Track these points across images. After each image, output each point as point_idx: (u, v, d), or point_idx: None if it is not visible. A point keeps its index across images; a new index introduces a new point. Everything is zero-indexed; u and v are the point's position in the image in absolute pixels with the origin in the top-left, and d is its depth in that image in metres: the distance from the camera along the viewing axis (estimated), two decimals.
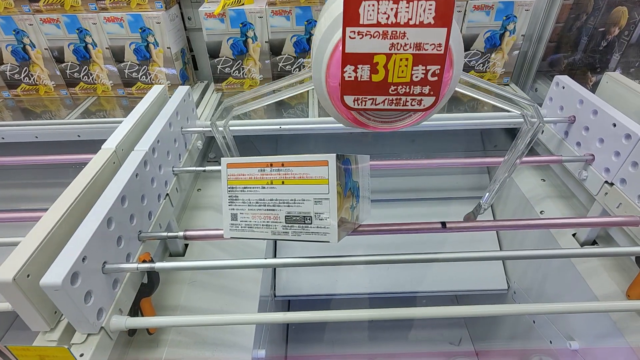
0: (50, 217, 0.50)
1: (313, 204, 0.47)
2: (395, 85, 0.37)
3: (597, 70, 0.98)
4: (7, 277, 0.42)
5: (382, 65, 0.36)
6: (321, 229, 0.47)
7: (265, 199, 0.48)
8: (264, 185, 0.48)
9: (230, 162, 0.49)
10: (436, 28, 0.34)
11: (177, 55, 1.05)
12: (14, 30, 0.99)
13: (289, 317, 0.54)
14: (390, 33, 0.35)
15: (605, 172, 0.71)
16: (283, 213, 0.48)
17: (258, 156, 0.49)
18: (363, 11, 0.34)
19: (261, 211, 0.49)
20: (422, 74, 0.36)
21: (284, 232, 0.48)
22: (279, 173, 0.47)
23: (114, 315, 0.51)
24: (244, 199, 0.49)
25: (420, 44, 0.35)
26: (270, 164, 0.47)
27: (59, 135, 0.94)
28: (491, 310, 0.57)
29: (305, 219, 0.47)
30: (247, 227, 0.50)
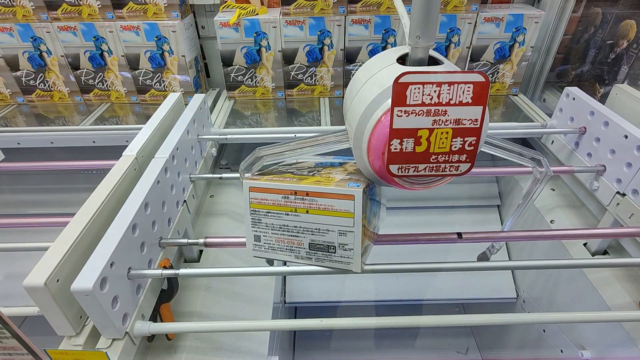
0: (77, 223, 0.50)
1: (337, 235, 0.48)
2: (436, 154, 0.41)
3: (605, 82, 1.00)
4: (38, 281, 0.43)
5: (425, 138, 0.40)
6: (345, 259, 0.48)
7: (289, 225, 0.49)
8: (287, 212, 0.49)
9: (253, 186, 0.49)
10: (473, 106, 0.38)
11: (191, 63, 1.07)
12: (32, 37, 1.01)
13: (303, 324, 0.54)
14: (434, 111, 0.39)
15: (617, 182, 0.72)
16: (307, 240, 0.49)
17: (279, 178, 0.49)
18: (410, 94, 0.37)
19: (285, 236, 0.50)
20: (460, 145, 0.41)
21: (308, 258, 0.50)
22: (304, 202, 0.48)
23: (137, 320, 0.51)
24: (267, 222, 0.50)
25: (459, 119, 0.39)
26: (295, 192, 0.47)
27: (74, 141, 0.96)
28: (500, 319, 0.58)
29: (329, 248, 0.48)
30: (271, 249, 0.51)
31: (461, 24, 0.99)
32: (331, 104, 1.09)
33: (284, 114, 1.06)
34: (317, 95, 1.12)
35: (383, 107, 0.42)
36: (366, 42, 1.02)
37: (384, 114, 0.42)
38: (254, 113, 1.06)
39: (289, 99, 1.12)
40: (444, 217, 1.12)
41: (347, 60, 1.06)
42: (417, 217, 1.13)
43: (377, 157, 0.43)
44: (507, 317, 0.58)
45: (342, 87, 1.11)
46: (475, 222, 1.12)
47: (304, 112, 1.06)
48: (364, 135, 0.44)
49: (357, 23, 0.99)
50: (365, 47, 1.03)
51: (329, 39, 1.01)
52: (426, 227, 1.09)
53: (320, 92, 1.11)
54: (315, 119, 1.02)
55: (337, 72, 1.07)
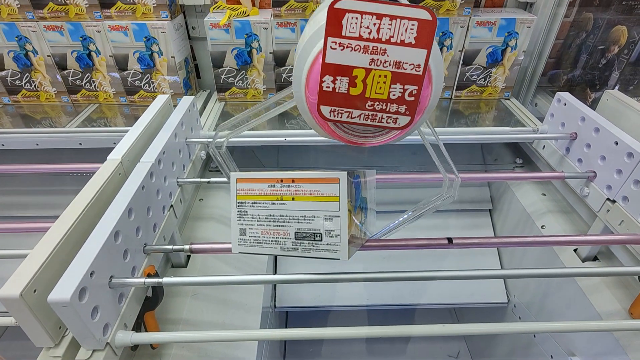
0: (57, 230, 0.49)
1: (323, 220, 0.46)
2: (372, 100, 0.38)
3: (596, 87, 1.00)
4: (14, 292, 0.41)
5: (361, 80, 0.36)
6: (331, 246, 0.47)
7: (275, 214, 0.48)
8: (274, 201, 0.48)
9: (240, 177, 0.49)
10: (416, 48, 0.35)
11: (181, 65, 1.05)
12: (17, 36, 0.99)
13: (291, 333, 0.53)
14: (372, 48, 0.35)
15: (607, 189, 0.72)
16: (293, 229, 0.48)
17: (265, 169, 0.49)
18: (346, 23, 0.34)
19: (270, 227, 0.49)
20: (400, 93, 0.37)
21: (294, 249, 0.48)
22: (290, 189, 0.47)
23: (119, 330, 0.50)
24: (253, 214, 0.49)
25: (399, 62, 0.35)
26: (281, 180, 0.47)
27: (60, 143, 0.94)
28: (491, 329, 0.57)
29: (315, 236, 0.47)
30: (256, 242, 0.50)
31: (453, 28, 0.99)
32: None
33: (274, 117, 1.04)
34: None
35: (320, 44, 0.38)
36: None
37: (320, 52, 0.37)
38: None
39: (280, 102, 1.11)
40: (435, 221, 1.11)
41: None
42: None
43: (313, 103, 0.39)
44: (497, 327, 0.57)
45: None
46: (467, 226, 1.12)
47: (295, 114, 1.05)
48: (302, 77, 0.40)
49: None
50: None
51: None
52: (417, 231, 1.09)
53: None
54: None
55: None
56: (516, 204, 1.01)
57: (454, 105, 1.10)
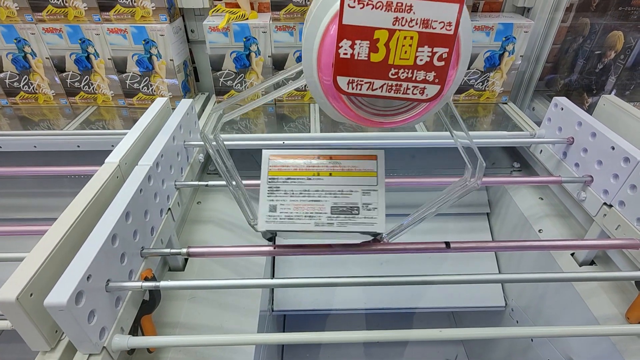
0: (54, 233, 0.49)
1: (361, 195, 0.47)
2: (397, 68, 0.33)
3: (593, 92, 1.00)
4: (10, 296, 0.41)
5: (384, 43, 0.32)
6: (369, 219, 0.47)
7: (310, 190, 0.48)
8: (309, 177, 0.48)
9: (274, 153, 0.49)
10: (447, 3, 0.30)
11: (180, 67, 1.05)
12: (15, 38, 0.98)
13: (288, 337, 0.53)
14: (395, 4, 0.30)
15: (604, 193, 0.72)
16: (329, 204, 0.48)
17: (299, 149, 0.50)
18: None
19: (305, 202, 0.48)
20: (428, 57, 0.32)
21: (329, 224, 0.48)
22: (327, 165, 0.48)
23: (116, 334, 0.50)
24: (286, 189, 0.49)
25: (427, 20, 0.31)
26: (318, 157, 0.49)
27: (58, 145, 0.93)
28: (488, 333, 0.57)
29: (352, 210, 0.48)
30: (287, 218, 0.49)
31: None
32: (321, 109, 1.08)
33: (273, 119, 1.05)
34: (307, 101, 1.11)
35: (331, 11, 0.33)
36: None
37: (333, 18, 0.32)
38: (243, 118, 1.05)
39: (279, 105, 1.11)
40: (432, 225, 1.11)
41: None
42: None
43: (327, 73, 0.35)
44: (495, 331, 0.57)
45: None
46: (465, 230, 1.12)
47: (294, 117, 1.05)
48: (313, 52, 0.35)
49: None
50: None
51: None
52: (414, 235, 1.08)
53: (311, 97, 1.11)
54: (306, 124, 1.01)
55: None
56: (514, 208, 1.01)
57: None
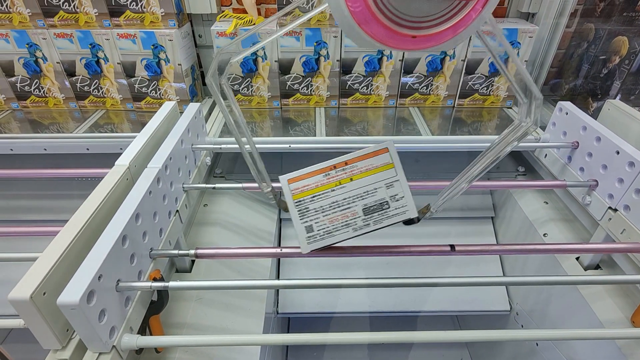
0: (66, 234, 0.50)
1: (386, 189, 0.49)
2: None
3: (598, 97, 1.01)
4: (24, 295, 0.42)
5: None
6: (400, 209, 0.49)
7: (338, 200, 0.49)
8: (333, 188, 0.50)
9: (290, 177, 0.50)
10: None
11: (187, 72, 1.07)
12: (27, 43, 1.01)
13: (293, 338, 0.54)
14: None
15: (609, 198, 0.72)
16: (360, 207, 0.49)
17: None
18: None
19: (336, 213, 0.50)
20: None
21: (366, 225, 0.49)
22: (345, 172, 0.49)
23: (125, 333, 0.50)
24: (315, 207, 0.50)
25: None
26: (334, 166, 0.50)
27: (68, 148, 0.95)
28: (492, 336, 0.57)
29: (382, 205, 0.49)
30: (326, 233, 0.50)
31: None
32: (327, 113, 1.10)
33: (279, 123, 1.06)
34: (312, 105, 1.13)
35: None
36: (362, 54, 1.03)
37: None
38: (249, 122, 1.06)
39: (285, 109, 1.13)
40: (437, 229, 1.12)
41: (343, 71, 1.06)
42: (409, 228, 1.13)
43: None
44: (500, 334, 0.57)
45: (338, 97, 1.11)
46: (469, 234, 1.12)
47: (299, 121, 1.06)
48: None
49: None
50: (361, 58, 1.04)
51: (325, 49, 1.02)
52: (419, 238, 1.09)
53: (316, 102, 1.12)
54: (311, 128, 1.02)
55: (333, 83, 1.08)
56: (518, 212, 1.01)
57: (457, 113, 1.11)
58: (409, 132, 1.00)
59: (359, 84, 1.08)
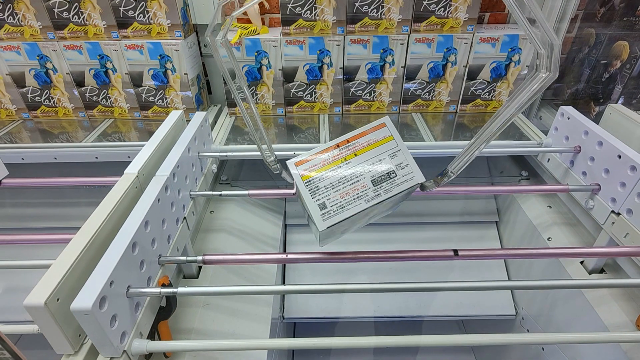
0: (78, 241, 0.51)
1: (390, 159, 0.51)
2: None
3: (600, 101, 1.01)
4: (39, 301, 0.43)
5: None
6: (407, 176, 0.51)
7: (346, 175, 0.51)
8: (339, 165, 0.52)
9: (297, 160, 0.52)
10: None
11: (193, 81, 1.09)
12: (38, 55, 1.03)
13: (300, 343, 0.54)
14: None
15: (612, 202, 0.73)
16: (368, 179, 0.51)
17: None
18: None
19: (347, 187, 0.51)
20: None
21: (377, 195, 0.51)
22: (348, 148, 0.52)
23: (135, 338, 0.52)
24: (325, 185, 0.51)
25: None
26: (337, 145, 0.52)
27: (77, 157, 0.97)
28: (498, 340, 0.57)
29: (390, 175, 0.51)
30: (340, 208, 0.51)
31: (458, 44, 1.02)
32: (331, 120, 1.11)
33: (283, 130, 1.07)
34: (316, 112, 1.14)
35: None
36: (365, 61, 1.05)
37: None
38: (255, 129, 1.07)
39: (289, 116, 1.14)
40: (441, 233, 1.12)
41: (346, 78, 1.08)
42: (414, 233, 1.14)
43: None
44: (506, 338, 0.58)
45: (342, 104, 1.13)
46: (473, 238, 1.13)
47: (303, 128, 1.07)
48: None
49: (356, 43, 1.02)
50: (364, 65, 1.05)
51: (328, 57, 1.04)
52: (423, 243, 1.10)
53: (320, 109, 1.13)
54: (315, 135, 1.03)
55: (337, 90, 1.09)
56: (522, 216, 1.01)
57: (459, 118, 1.12)
58: (412, 138, 1.01)
59: (362, 90, 1.10)
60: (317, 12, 0.98)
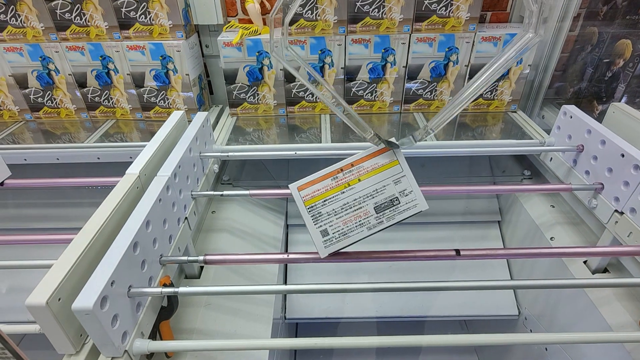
0: (80, 241, 0.51)
1: (394, 185, 0.51)
2: None
3: (602, 100, 1.01)
4: (40, 300, 0.43)
5: None
6: (410, 203, 0.51)
7: (349, 201, 0.51)
8: (343, 190, 0.51)
9: (300, 184, 0.51)
10: None
11: (195, 81, 1.09)
12: (41, 56, 1.04)
13: (302, 343, 0.54)
14: None
15: (615, 201, 0.72)
16: (371, 206, 0.51)
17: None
18: None
19: (349, 214, 0.51)
20: None
21: (379, 223, 0.51)
22: (352, 173, 0.51)
23: (137, 338, 0.52)
24: (328, 211, 0.51)
25: None
26: (341, 169, 0.51)
27: (79, 158, 0.97)
28: (501, 340, 0.57)
29: (393, 202, 0.51)
30: (342, 235, 0.51)
31: (459, 43, 1.01)
32: (332, 120, 1.11)
33: (285, 130, 1.07)
34: (318, 112, 1.14)
35: None
36: (366, 61, 1.04)
37: None
38: (255, 129, 1.07)
39: (291, 116, 1.14)
40: (443, 233, 1.12)
41: (347, 78, 1.07)
42: (416, 232, 1.13)
43: None
44: (509, 338, 0.57)
45: None
46: (475, 238, 1.12)
47: (305, 128, 1.07)
48: None
49: (357, 42, 1.01)
50: (365, 65, 1.05)
51: (329, 57, 1.03)
52: (425, 243, 1.10)
53: (322, 109, 1.13)
54: (317, 135, 1.03)
55: (338, 90, 1.09)
56: (525, 216, 1.01)
57: (461, 118, 1.11)
58: None
59: (364, 90, 1.10)
60: (319, 12, 0.98)
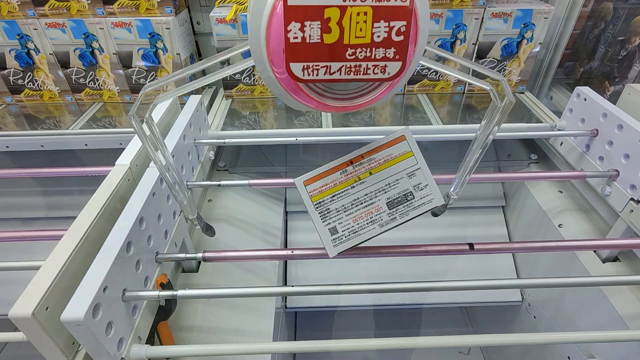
0: (68, 241, 0.47)
1: (408, 179, 0.46)
2: (353, 47, 0.31)
3: (615, 80, 0.97)
4: (25, 312, 0.40)
5: (336, 22, 0.30)
6: (425, 198, 0.47)
7: (359, 196, 0.47)
8: (352, 185, 0.47)
9: (306, 178, 0.47)
10: None
11: (187, 61, 1.02)
12: (18, 34, 0.96)
13: (304, 346, 0.52)
14: None
15: (631, 189, 0.69)
16: (383, 201, 0.47)
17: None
18: None
19: (360, 211, 0.47)
20: (385, 32, 0.31)
21: (392, 220, 0.47)
22: (363, 166, 0.46)
23: (134, 344, 0.48)
24: (337, 207, 0.47)
25: None
26: (351, 162, 0.46)
27: (65, 144, 0.92)
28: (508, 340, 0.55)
29: (407, 196, 0.47)
30: (352, 233, 0.47)
31: (467, 20, 0.96)
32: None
33: (283, 113, 1.02)
34: None
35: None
36: None
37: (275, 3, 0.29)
38: (252, 112, 1.02)
39: None
40: (447, 219, 1.09)
41: None
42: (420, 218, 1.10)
43: (278, 61, 0.32)
44: (514, 338, 0.55)
45: None
46: (479, 223, 1.10)
47: (304, 111, 1.02)
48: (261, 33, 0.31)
49: None
50: None
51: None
52: (430, 228, 1.07)
53: None
54: (316, 118, 0.98)
55: None
56: (531, 201, 0.98)
57: (467, 99, 1.07)
58: (417, 120, 0.96)
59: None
60: None
